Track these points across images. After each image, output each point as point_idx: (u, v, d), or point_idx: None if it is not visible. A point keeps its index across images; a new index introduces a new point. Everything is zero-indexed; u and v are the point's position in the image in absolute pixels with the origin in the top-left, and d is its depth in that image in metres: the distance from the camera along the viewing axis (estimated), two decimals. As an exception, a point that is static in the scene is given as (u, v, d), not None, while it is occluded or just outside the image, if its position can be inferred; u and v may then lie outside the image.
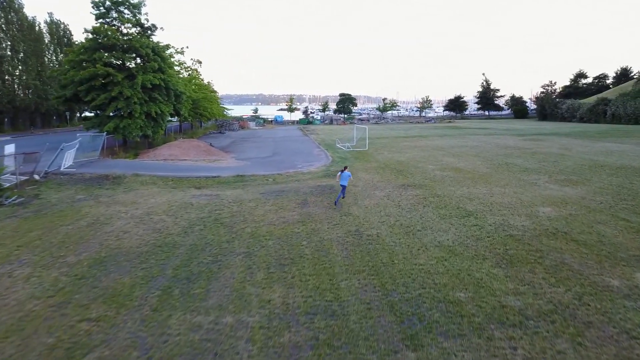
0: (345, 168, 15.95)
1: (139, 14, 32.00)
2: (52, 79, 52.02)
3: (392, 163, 25.54)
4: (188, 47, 79.43)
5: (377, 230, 12.05)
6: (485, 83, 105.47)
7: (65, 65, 30.78)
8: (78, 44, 32.73)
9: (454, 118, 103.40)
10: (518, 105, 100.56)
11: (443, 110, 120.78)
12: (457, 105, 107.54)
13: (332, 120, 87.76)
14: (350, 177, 15.95)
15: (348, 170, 15.79)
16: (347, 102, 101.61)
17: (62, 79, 30.78)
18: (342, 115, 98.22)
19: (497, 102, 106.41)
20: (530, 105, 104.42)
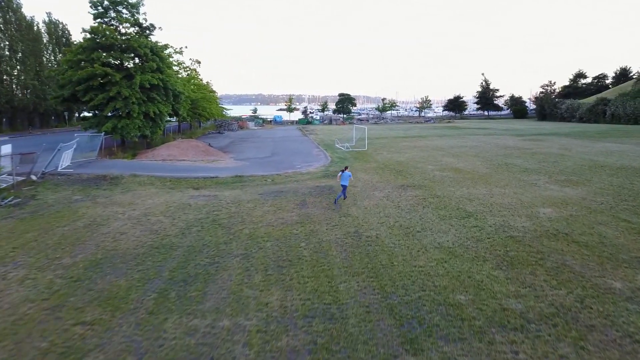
0: (346, 168, 15.87)
1: (137, 14, 31.90)
2: (50, 79, 51.90)
3: (391, 163, 25.44)
4: (187, 47, 78.93)
5: (376, 232, 11.95)
6: (485, 83, 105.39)
7: (64, 65, 30.65)
8: (76, 44, 32.60)
9: (453, 118, 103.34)
10: (517, 105, 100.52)
11: (442, 111, 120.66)
12: (456, 106, 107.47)
13: (331, 121, 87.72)
14: (351, 177, 15.87)
15: (348, 171, 15.73)
16: (346, 102, 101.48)
17: (60, 79, 30.64)
18: (341, 115, 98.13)
19: (496, 102, 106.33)
20: (530, 105, 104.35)
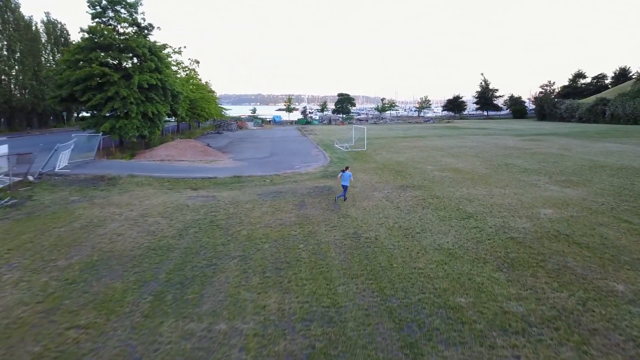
0: (347, 168, 15.80)
1: (136, 14, 31.79)
2: (48, 79, 51.70)
3: (390, 163, 25.33)
4: (185, 47, 79.34)
5: (375, 233, 11.83)
6: (484, 83, 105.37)
7: (62, 65, 30.53)
8: (74, 44, 32.46)
9: (453, 118, 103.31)
10: (517, 106, 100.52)
11: (442, 111, 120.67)
12: (455, 106, 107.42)
13: (330, 121, 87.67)
14: (352, 177, 15.77)
15: (349, 171, 15.65)
16: (345, 102, 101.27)
17: (57, 79, 30.53)
18: (340, 116, 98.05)
19: (495, 102, 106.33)
20: (529, 106, 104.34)
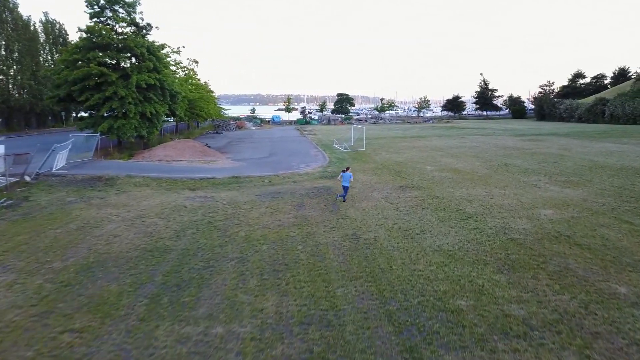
0: (347, 169, 15.70)
1: (134, 13, 31.61)
2: (47, 79, 51.46)
3: (390, 164, 25.22)
4: (184, 46, 79.26)
5: (374, 234, 11.72)
6: (483, 83, 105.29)
7: (59, 65, 30.37)
8: (72, 43, 32.30)
9: (452, 118, 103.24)
10: (516, 106, 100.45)
11: (441, 111, 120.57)
12: (455, 106, 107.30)
13: (329, 121, 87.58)
14: (352, 177, 15.66)
15: (350, 171, 15.55)
16: (344, 102, 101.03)
17: (55, 79, 30.34)
18: (339, 116, 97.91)
19: (495, 102, 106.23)
20: (529, 106, 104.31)
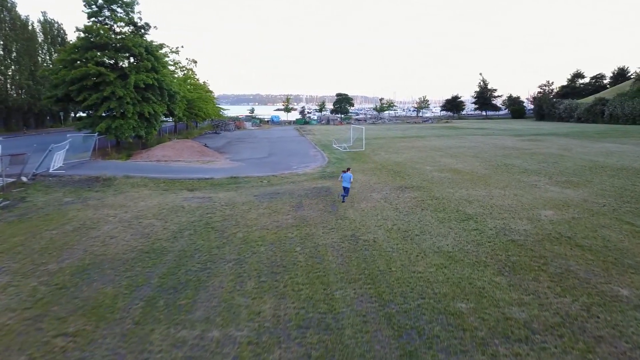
0: (348, 169, 15.60)
1: (132, 13, 31.44)
2: (45, 79, 51.24)
3: (389, 164, 25.11)
4: (183, 46, 79.00)
5: (373, 235, 11.61)
6: (483, 83, 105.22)
7: (57, 65, 30.19)
8: (70, 43, 32.14)
9: (451, 118, 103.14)
10: (515, 106, 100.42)
11: (440, 111, 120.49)
12: (454, 106, 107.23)
13: (328, 121, 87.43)
14: (352, 178, 15.56)
15: (350, 172, 15.46)
16: (344, 102, 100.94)
17: (53, 79, 30.16)
18: (339, 116, 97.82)
19: (494, 102, 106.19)
20: (528, 106, 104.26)
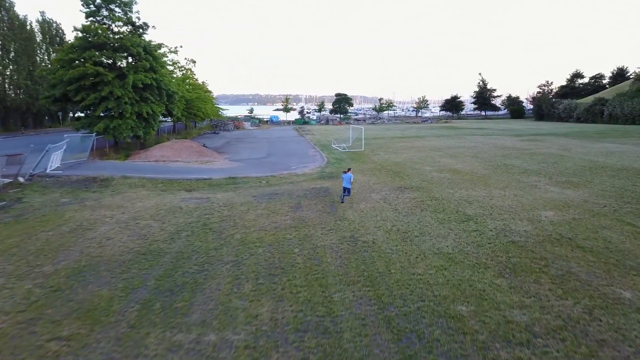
0: (349, 170, 15.52)
1: (130, 12, 31.32)
2: (43, 79, 51.09)
3: (388, 164, 25.01)
4: (182, 46, 78.84)
5: (373, 236, 11.50)
6: (482, 83, 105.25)
7: (55, 64, 30.04)
8: (68, 43, 32.00)
9: (451, 118, 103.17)
10: (515, 106, 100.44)
11: (439, 111, 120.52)
12: (453, 106, 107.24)
13: (328, 121, 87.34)
14: (352, 179, 15.46)
15: (351, 172, 15.37)
16: (343, 102, 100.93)
17: (51, 79, 30.04)
18: (338, 116, 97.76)
19: (493, 102, 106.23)
20: (527, 106, 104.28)
